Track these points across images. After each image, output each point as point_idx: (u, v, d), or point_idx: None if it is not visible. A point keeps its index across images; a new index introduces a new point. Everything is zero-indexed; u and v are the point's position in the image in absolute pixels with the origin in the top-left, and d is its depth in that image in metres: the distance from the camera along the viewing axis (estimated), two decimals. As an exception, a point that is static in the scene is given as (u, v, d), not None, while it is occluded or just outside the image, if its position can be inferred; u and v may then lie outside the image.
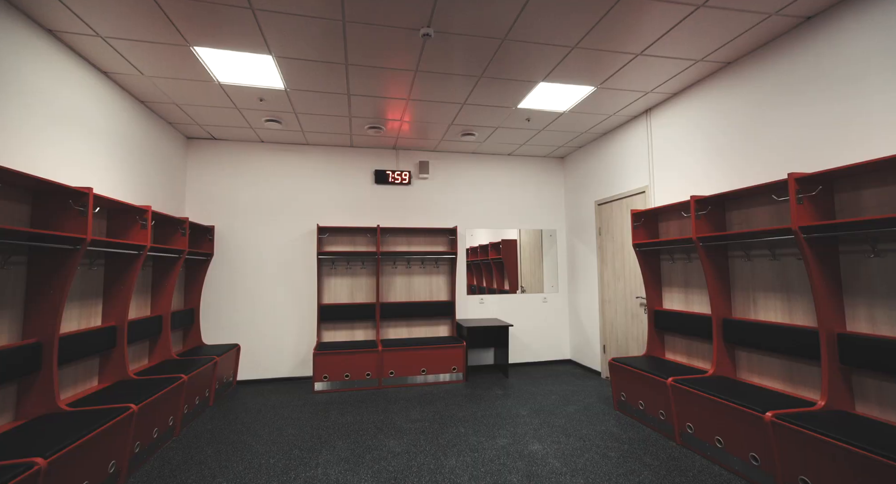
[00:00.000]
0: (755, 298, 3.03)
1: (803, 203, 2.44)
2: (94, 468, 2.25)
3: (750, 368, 3.06)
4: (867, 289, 2.33)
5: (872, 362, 2.22)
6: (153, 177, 4.10)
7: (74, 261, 2.51)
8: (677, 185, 3.81)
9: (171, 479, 2.62)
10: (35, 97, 2.60)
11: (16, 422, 2.38)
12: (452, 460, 2.84)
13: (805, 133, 2.68)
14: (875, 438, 1.94)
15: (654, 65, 3.25)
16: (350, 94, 3.75)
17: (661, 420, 3.22)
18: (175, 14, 2.54)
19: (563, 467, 2.72)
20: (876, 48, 2.30)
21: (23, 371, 2.33)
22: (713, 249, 3.22)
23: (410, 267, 5.32)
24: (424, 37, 2.79)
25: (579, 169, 5.49)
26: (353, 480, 2.59)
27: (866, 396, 2.33)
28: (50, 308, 2.47)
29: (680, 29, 2.75)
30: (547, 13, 2.57)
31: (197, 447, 3.09)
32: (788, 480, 2.23)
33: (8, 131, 2.41)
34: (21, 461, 1.82)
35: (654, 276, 3.94)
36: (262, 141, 5.05)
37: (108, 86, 3.36)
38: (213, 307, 4.83)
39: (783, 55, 2.83)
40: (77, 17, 2.55)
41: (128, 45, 2.89)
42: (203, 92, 3.65)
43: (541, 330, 5.68)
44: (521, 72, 3.35)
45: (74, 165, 2.96)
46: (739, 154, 3.17)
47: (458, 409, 3.88)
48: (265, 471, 2.72)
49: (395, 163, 5.42)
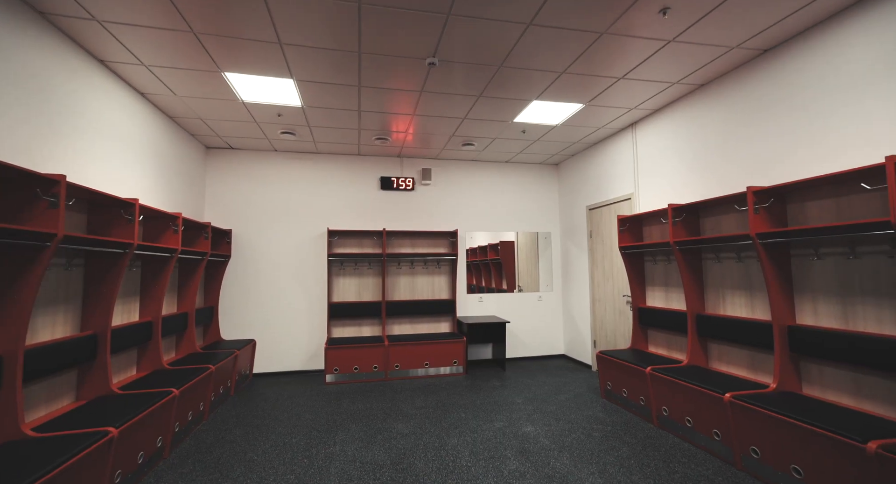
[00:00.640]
0: (724, 296, 3.40)
1: (759, 213, 2.81)
2: (147, 441, 2.62)
3: (720, 357, 3.43)
4: (812, 287, 2.71)
5: (816, 350, 2.60)
6: (178, 184, 4.46)
7: (124, 262, 2.88)
8: (660, 192, 4.18)
9: (208, 454, 2.98)
10: (85, 118, 2.96)
11: (77, 402, 2.74)
12: (454, 440, 3.20)
13: (764, 150, 3.05)
14: (815, 413, 2.31)
15: (635, 86, 3.62)
16: (360, 111, 4.12)
17: (640, 405, 3.60)
18: (213, 47, 2.91)
19: (552, 445, 3.09)
20: (820, 78, 2.67)
21: (82, 359, 2.69)
22: (688, 252, 3.59)
23: (414, 267, 5.68)
24: (430, 65, 3.16)
25: (572, 176, 5.86)
26: (368, 455, 2.95)
27: (811, 379, 2.71)
28: (104, 304, 2.83)
29: (655, 58, 3.12)
30: (538, 45, 2.94)
31: (225, 429, 3.45)
32: (743, 450, 2.60)
33: (63, 148, 2.77)
34: (97, 430, 2.17)
35: (638, 276, 4.31)
36: (276, 150, 5.42)
37: (143, 104, 3.72)
38: (230, 305, 5.19)
39: (745, 81, 3.20)
40: (127, 49, 2.91)
41: (167, 72, 3.25)
42: (227, 109, 4.02)
43: (536, 327, 6.04)
44: (516, 92, 3.72)
45: (115, 176, 3.33)
46: (712, 166, 3.54)
47: (458, 397, 4.24)
48: (289, 448, 3.08)
49: (399, 170, 5.79)
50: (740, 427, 2.61)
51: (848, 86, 2.51)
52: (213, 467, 2.78)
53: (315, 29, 2.70)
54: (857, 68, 2.46)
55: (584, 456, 2.89)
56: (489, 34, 2.79)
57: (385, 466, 2.79)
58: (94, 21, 2.59)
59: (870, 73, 2.40)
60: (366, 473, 2.69)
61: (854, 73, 2.48)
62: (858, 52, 2.46)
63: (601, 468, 2.71)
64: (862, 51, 2.44)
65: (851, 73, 2.50)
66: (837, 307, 2.57)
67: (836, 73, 2.57)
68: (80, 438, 2.07)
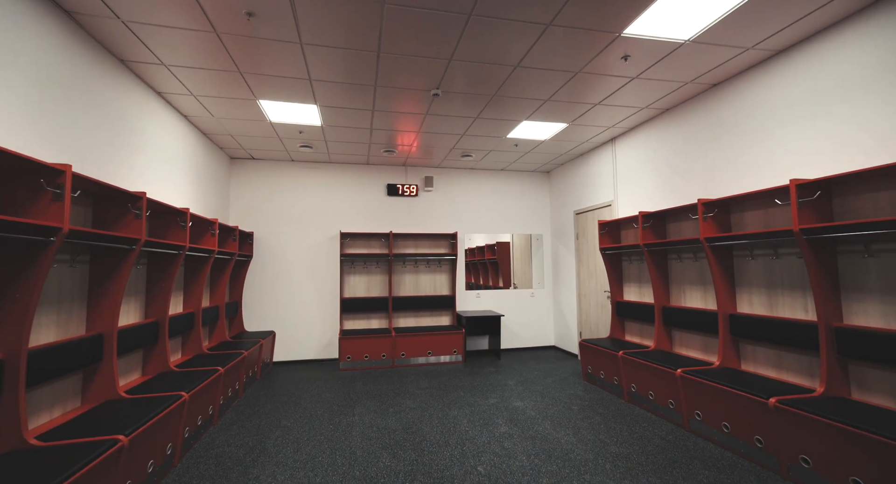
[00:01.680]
0: (684, 290, 3.99)
1: (708, 220, 3.40)
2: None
3: (681, 343, 4.02)
4: (748, 282, 3.29)
5: (750, 333, 3.18)
6: (209, 192, 5.04)
7: (177, 263, 3.45)
8: (635, 200, 4.77)
9: (248, 421, 3.57)
10: (143, 139, 3.54)
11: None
12: (455, 412, 3.79)
13: (713, 167, 3.64)
14: (747, 382, 2.90)
15: (611, 110, 4.20)
16: (372, 129, 4.69)
17: (614, 384, 4.18)
18: (253, 82, 3.48)
19: (536, 415, 3.67)
20: (758, 109, 3.25)
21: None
22: (655, 253, 4.17)
23: (417, 266, 6.26)
24: (434, 95, 3.74)
25: (561, 183, 6.45)
26: (382, 423, 3.53)
27: (747, 356, 3.30)
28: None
29: (624, 89, 3.71)
30: (526, 80, 3.52)
31: (258, 404, 4.03)
32: (690, 415, 3.19)
33: (127, 166, 3.35)
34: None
35: (616, 274, 4.89)
36: (293, 160, 5.99)
37: (185, 125, 4.30)
38: (252, 300, 5.77)
39: (698, 109, 3.79)
40: (182, 84, 3.49)
41: (211, 100, 3.83)
42: (255, 127, 4.59)
43: (529, 320, 6.63)
44: (508, 114, 4.30)
45: (164, 187, 3.90)
46: (675, 179, 4.13)
47: (458, 380, 4.83)
48: (316, 418, 3.67)
49: (404, 178, 6.37)
50: (688, 396, 3.20)
51: (773, 120, 3.10)
52: (254, 431, 3.37)
53: (339, 69, 3.28)
54: (780, 107, 3.05)
55: (563, 423, 3.48)
56: (484, 73, 3.37)
57: (397, 430, 3.37)
58: (161, 66, 3.16)
59: (789, 112, 2.99)
60: (382, 435, 3.27)
61: (777, 110, 3.07)
62: (781, 94, 3.04)
63: (576, 431, 3.30)
64: (783, 93, 3.03)
65: (774, 110, 3.08)
66: (765, 298, 3.16)
67: (765, 108, 3.16)
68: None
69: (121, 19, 2.59)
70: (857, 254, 2.56)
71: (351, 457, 2.89)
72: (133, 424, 2.23)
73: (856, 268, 2.57)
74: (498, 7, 2.52)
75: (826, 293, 2.61)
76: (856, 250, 2.57)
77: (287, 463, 2.81)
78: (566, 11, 2.56)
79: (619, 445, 3.03)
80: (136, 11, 2.52)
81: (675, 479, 2.53)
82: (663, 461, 2.76)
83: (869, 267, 2.50)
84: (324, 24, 2.67)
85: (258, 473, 2.68)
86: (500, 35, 2.82)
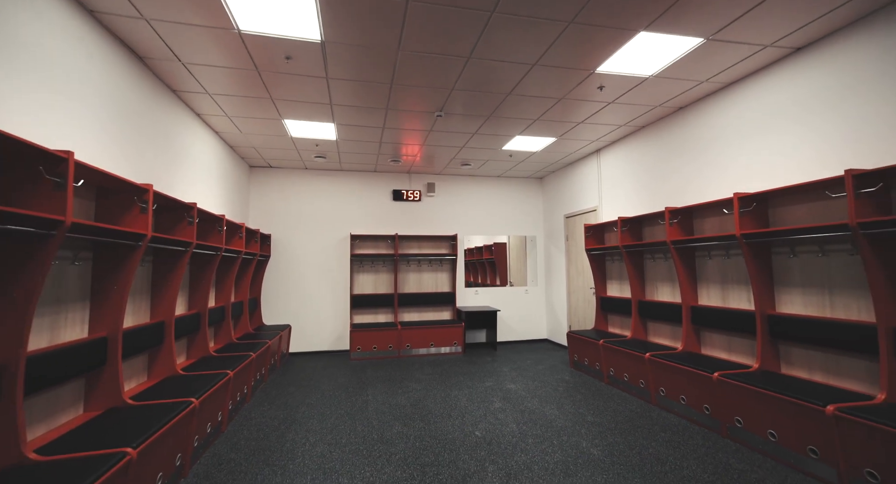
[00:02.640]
0: (657, 286, 4.55)
1: (674, 225, 3.95)
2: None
3: (654, 332, 4.58)
4: (707, 278, 3.85)
5: (708, 322, 3.73)
6: (233, 197, 5.58)
7: (213, 264, 3.99)
8: (618, 206, 5.32)
9: (276, 399, 4.11)
10: (185, 153, 4.08)
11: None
12: (455, 392, 4.34)
13: (679, 179, 4.20)
14: (704, 363, 3.45)
15: (593, 127, 4.76)
16: (381, 142, 5.24)
17: (596, 369, 4.74)
18: (281, 106, 4.03)
19: (526, 394, 4.22)
20: (714, 130, 3.81)
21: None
22: (633, 254, 4.73)
23: (421, 265, 6.81)
24: (437, 116, 4.29)
25: (553, 189, 7.00)
26: (393, 400, 4.08)
27: (705, 342, 3.85)
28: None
29: (603, 111, 4.26)
30: (517, 103, 4.07)
31: (282, 387, 4.58)
32: (654, 390, 3.75)
33: (183, 177, 3.89)
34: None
35: (600, 272, 5.45)
36: (307, 168, 6.54)
37: (215, 139, 4.84)
38: (270, 296, 6.32)
39: (668, 128, 4.34)
40: (220, 108, 4.04)
41: (241, 119, 4.38)
42: (276, 141, 5.14)
43: (523, 315, 7.19)
44: (503, 130, 4.85)
45: (202, 195, 4.45)
46: (650, 189, 4.69)
47: (458, 368, 5.38)
48: (335, 397, 4.21)
49: (408, 184, 6.92)
50: (655, 375, 3.75)
51: (725, 140, 3.65)
52: (283, 407, 3.91)
53: (357, 96, 3.83)
54: (730, 129, 3.61)
55: (549, 400, 4.04)
56: (482, 98, 3.92)
57: (406, 405, 3.93)
58: (206, 94, 3.71)
59: (738, 134, 3.55)
60: (393, 409, 3.82)
61: (728, 131, 3.62)
62: (731, 119, 3.60)
63: (559, 406, 3.86)
64: (733, 118, 3.59)
65: (726, 132, 3.64)
66: (720, 291, 3.72)
67: (720, 130, 3.72)
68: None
69: (181, 61, 3.14)
70: (786, 255, 3.12)
71: (368, 425, 3.44)
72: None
73: (784, 266, 3.13)
74: (492, 52, 3.07)
75: (762, 287, 3.17)
76: (784, 252, 3.13)
77: (316, 430, 3.36)
78: (548, 54, 3.11)
79: (594, 416, 3.58)
80: (195, 56, 3.06)
81: (637, 438, 3.08)
82: (629, 427, 3.31)
83: (793, 265, 3.06)
84: (347, 64, 3.22)
85: (293, 436, 3.23)
86: (494, 72, 3.37)
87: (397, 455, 2.88)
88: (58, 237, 1.81)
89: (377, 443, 3.09)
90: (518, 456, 2.84)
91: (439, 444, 3.06)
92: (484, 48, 3.01)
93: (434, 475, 2.59)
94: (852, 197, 2.41)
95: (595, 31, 2.82)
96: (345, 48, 2.99)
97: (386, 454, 2.89)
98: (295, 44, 2.92)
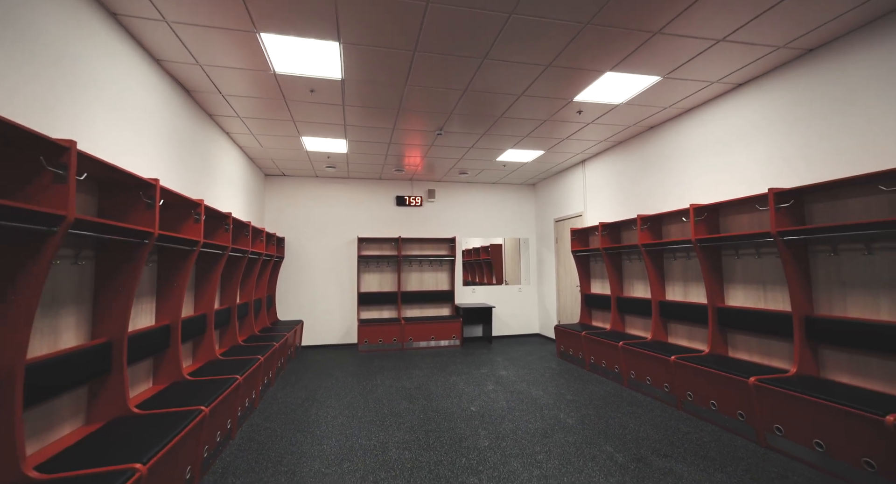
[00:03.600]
0: (633, 284, 5.13)
1: (644, 230, 4.53)
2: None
3: (630, 325, 5.16)
4: (673, 277, 4.43)
5: (673, 315, 4.31)
6: (252, 204, 6.15)
7: (242, 265, 4.55)
8: (600, 212, 5.90)
9: (297, 383, 4.68)
10: (217, 167, 4.65)
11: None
12: (454, 378, 4.91)
13: (652, 189, 4.78)
14: (667, 349, 4.03)
15: (577, 142, 5.33)
16: (387, 155, 5.81)
17: (579, 358, 5.32)
18: (301, 127, 4.60)
19: (517, 379, 4.80)
20: (679, 147, 4.39)
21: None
22: (612, 255, 5.30)
23: (422, 266, 7.38)
24: (437, 134, 4.87)
25: (544, 195, 7.58)
26: (399, 384, 4.65)
27: (671, 332, 4.43)
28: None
29: (584, 129, 4.84)
30: (509, 123, 4.64)
31: (300, 374, 5.15)
32: (626, 374, 4.33)
33: (215, 187, 4.46)
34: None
35: (584, 271, 6.02)
36: (318, 176, 7.11)
37: (239, 152, 5.41)
38: (283, 294, 6.88)
39: (639, 145, 4.92)
40: (249, 129, 4.61)
41: (264, 136, 4.95)
42: (293, 154, 5.71)
43: (517, 311, 7.77)
44: (496, 144, 5.42)
45: (230, 203, 5.01)
46: (627, 197, 5.26)
47: (456, 359, 5.96)
48: (348, 382, 4.78)
49: (411, 190, 7.49)
50: (627, 361, 4.33)
51: (688, 157, 4.23)
52: (304, 389, 4.48)
53: (368, 118, 4.40)
54: (691, 147, 4.18)
55: (536, 383, 4.61)
56: (477, 119, 4.49)
57: (411, 388, 4.50)
58: (237, 117, 4.28)
59: (697, 151, 4.13)
60: (400, 391, 4.39)
61: (688, 150, 4.20)
62: (692, 138, 4.18)
63: (544, 388, 4.43)
64: (693, 138, 4.16)
65: (687, 150, 4.22)
66: (682, 288, 4.30)
67: (683, 148, 4.30)
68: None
69: (221, 93, 3.71)
70: (732, 256, 3.70)
71: (379, 403, 4.01)
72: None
73: (731, 266, 3.71)
74: (485, 86, 3.65)
75: (713, 284, 3.75)
76: (731, 254, 3.71)
77: (334, 406, 3.93)
78: (532, 87, 3.69)
79: (573, 395, 4.16)
80: (234, 89, 3.63)
81: (606, 411, 3.66)
82: (601, 403, 3.89)
83: (738, 266, 3.64)
84: (361, 95, 3.79)
85: (316, 411, 3.80)
86: (488, 100, 3.95)
87: (405, 424, 3.45)
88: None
89: (388, 415, 3.66)
90: (505, 424, 3.41)
91: (440, 416, 3.63)
92: (478, 82, 3.59)
93: (436, 438, 3.16)
94: (773, 210, 2.99)
95: (570, 72, 3.40)
96: (360, 84, 3.57)
97: (396, 423, 3.47)
98: (319, 81, 3.49)
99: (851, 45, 2.83)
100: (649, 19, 2.69)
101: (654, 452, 2.86)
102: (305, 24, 2.70)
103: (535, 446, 2.98)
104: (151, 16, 2.58)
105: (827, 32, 2.85)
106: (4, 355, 1.59)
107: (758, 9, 2.58)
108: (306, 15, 2.60)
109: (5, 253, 1.66)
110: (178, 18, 2.61)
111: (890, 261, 2.60)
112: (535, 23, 2.71)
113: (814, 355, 2.97)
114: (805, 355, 2.95)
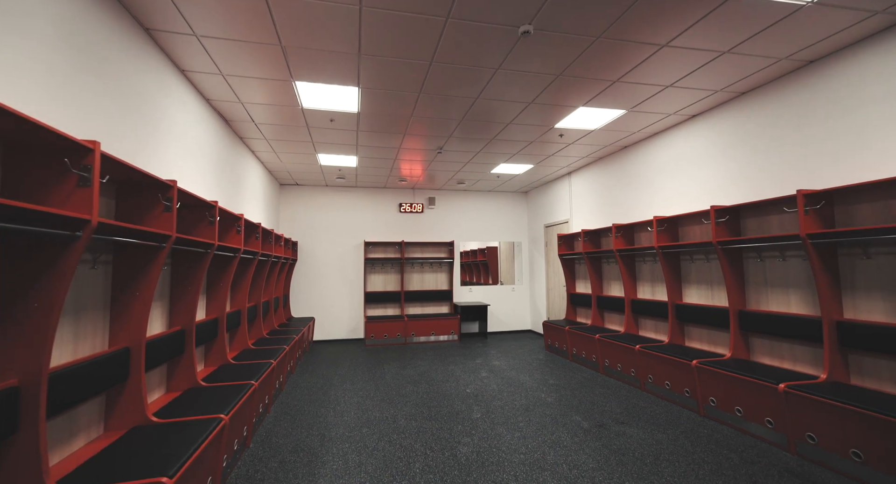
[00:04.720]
0: (611, 284, 5.79)
1: (619, 237, 5.19)
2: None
3: (608, 320, 5.82)
4: (642, 278, 5.09)
5: (641, 311, 4.97)
6: (269, 210, 6.79)
7: (265, 268, 5.20)
8: (584, 220, 6.55)
9: (314, 372, 5.33)
10: (244, 177, 5.30)
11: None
12: (452, 367, 5.57)
13: (626, 200, 5.44)
14: (633, 339, 4.69)
15: (562, 157, 5.99)
16: (392, 168, 6.47)
17: (564, 350, 5.98)
18: (319, 146, 5.25)
19: (508, 368, 5.46)
20: (648, 165, 5.05)
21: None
22: (592, 259, 5.96)
23: (423, 267, 8.04)
24: (437, 152, 5.52)
25: (535, 202, 8.24)
26: (404, 372, 5.31)
27: (640, 326, 5.09)
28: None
29: (568, 148, 5.50)
30: (501, 143, 5.30)
31: (315, 364, 5.80)
32: (601, 362, 4.99)
33: (243, 199, 5.10)
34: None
35: (570, 273, 6.68)
36: (328, 185, 7.76)
37: (261, 167, 6.06)
38: (296, 293, 7.53)
39: (617, 161, 5.59)
40: (271, 147, 5.26)
41: (285, 154, 5.60)
42: (308, 167, 6.36)
43: (511, 309, 8.42)
44: (490, 159, 6.08)
45: (255, 212, 5.66)
46: (606, 207, 5.93)
47: (454, 351, 6.61)
48: (358, 371, 5.43)
49: (413, 198, 8.14)
50: (603, 351, 4.99)
51: (654, 174, 4.89)
52: (321, 377, 5.13)
53: (375, 140, 5.05)
54: (655, 166, 4.85)
55: (524, 371, 5.27)
56: (473, 139, 5.15)
57: (414, 375, 5.15)
58: (264, 139, 4.94)
59: (661, 170, 4.79)
60: (405, 377, 5.05)
61: (653, 168, 4.86)
62: (658, 158, 4.84)
63: (531, 375, 5.09)
64: (658, 158, 4.83)
65: (652, 169, 4.88)
66: (650, 287, 4.96)
67: (649, 166, 4.95)
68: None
69: (255, 122, 4.36)
70: (687, 261, 4.36)
71: (387, 386, 4.66)
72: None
73: (687, 269, 4.37)
74: (479, 116, 4.30)
75: (672, 284, 4.41)
76: (686, 259, 4.37)
77: (349, 389, 4.58)
78: (519, 117, 4.34)
79: (555, 380, 4.82)
80: (265, 119, 4.29)
81: (583, 392, 4.32)
82: (579, 386, 4.55)
83: (691, 269, 4.30)
84: (373, 123, 4.45)
85: (334, 392, 4.45)
86: (481, 125, 4.61)
87: (411, 402, 4.11)
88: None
89: (396, 396, 4.31)
90: (495, 402, 4.07)
91: (440, 396, 4.28)
92: (474, 114, 4.24)
93: (437, 411, 3.82)
94: (714, 223, 3.65)
95: (549, 108, 4.06)
96: (373, 115, 4.22)
97: (403, 401, 4.12)
98: (338, 113, 4.15)
99: (776, 90, 3.49)
100: (607, 72, 3.35)
101: (614, 420, 3.52)
102: (332, 76, 3.36)
103: (518, 417, 3.64)
104: (211, 70, 3.23)
105: (755, 80, 3.51)
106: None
107: (697, 63, 3.24)
108: (334, 68, 3.25)
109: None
110: (232, 72, 3.26)
111: (798, 267, 3.26)
112: (517, 74, 3.37)
113: (745, 343, 3.64)
114: (738, 342, 3.61)
